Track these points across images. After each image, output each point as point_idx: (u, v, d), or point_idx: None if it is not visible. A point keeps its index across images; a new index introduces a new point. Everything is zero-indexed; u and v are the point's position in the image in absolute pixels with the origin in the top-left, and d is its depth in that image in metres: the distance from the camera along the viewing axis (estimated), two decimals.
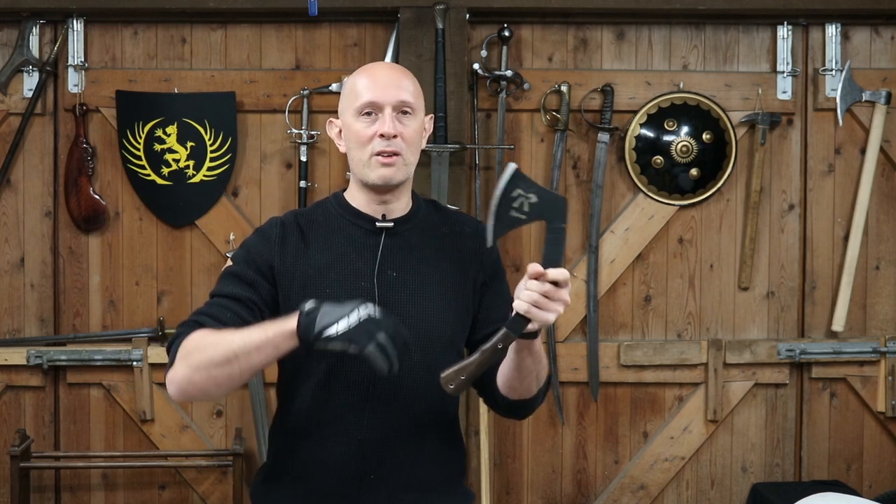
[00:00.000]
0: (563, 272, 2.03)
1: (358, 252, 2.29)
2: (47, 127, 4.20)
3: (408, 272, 2.29)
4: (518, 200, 2.06)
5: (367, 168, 2.26)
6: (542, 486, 4.33)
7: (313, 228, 2.33)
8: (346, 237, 2.30)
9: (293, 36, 4.23)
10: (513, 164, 2.08)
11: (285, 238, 2.30)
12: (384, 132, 2.24)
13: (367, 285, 2.26)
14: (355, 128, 2.28)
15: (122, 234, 4.23)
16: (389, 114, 2.25)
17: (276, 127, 4.20)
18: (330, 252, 2.29)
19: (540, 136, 4.26)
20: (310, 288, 2.25)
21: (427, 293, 2.28)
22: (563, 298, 2.03)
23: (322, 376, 2.23)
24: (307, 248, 2.30)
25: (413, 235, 2.32)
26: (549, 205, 2.08)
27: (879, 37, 4.31)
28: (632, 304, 4.31)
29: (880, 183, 4.31)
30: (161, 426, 4.22)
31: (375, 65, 2.43)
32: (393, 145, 2.25)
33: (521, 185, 2.06)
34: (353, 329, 2.00)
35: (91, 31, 4.19)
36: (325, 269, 2.27)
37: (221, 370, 2.11)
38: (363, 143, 2.26)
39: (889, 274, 4.35)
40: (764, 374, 4.30)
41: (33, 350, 4.14)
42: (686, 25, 4.28)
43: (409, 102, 2.28)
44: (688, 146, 4.22)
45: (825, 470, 4.34)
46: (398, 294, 2.27)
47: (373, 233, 2.30)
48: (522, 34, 4.24)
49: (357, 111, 2.27)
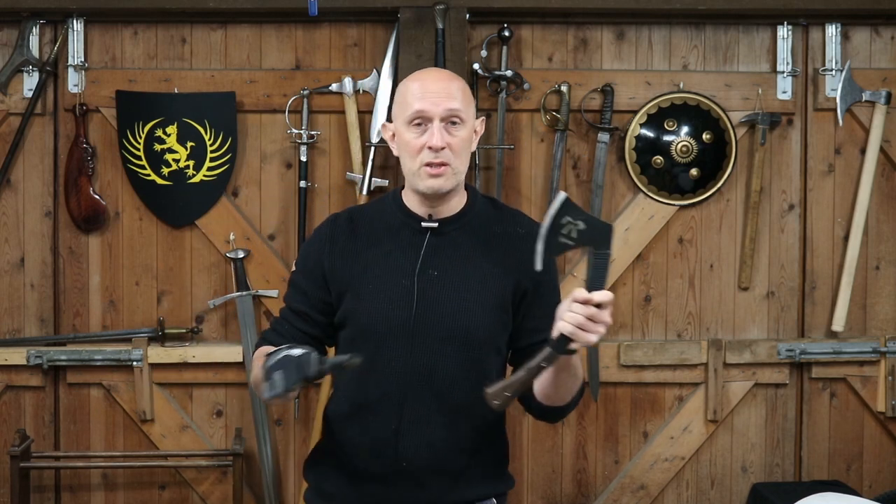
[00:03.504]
0: (607, 294, 2.13)
1: (403, 250, 2.40)
2: (47, 127, 4.20)
3: (449, 271, 2.38)
4: (567, 227, 2.15)
5: (417, 177, 2.36)
6: (542, 486, 4.33)
7: (365, 226, 2.45)
8: (393, 235, 2.42)
9: (293, 36, 4.23)
10: (563, 193, 2.17)
11: (335, 236, 2.45)
12: (432, 145, 2.32)
13: (407, 283, 2.37)
14: (406, 137, 2.36)
15: (122, 234, 4.23)
16: (438, 125, 2.33)
17: (276, 127, 4.20)
18: (377, 249, 2.42)
19: (540, 136, 4.26)
20: (354, 284, 2.40)
21: (467, 291, 2.37)
22: (605, 321, 2.13)
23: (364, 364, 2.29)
24: (356, 245, 2.43)
25: (460, 235, 2.41)
26: (595, 232, 2.17)
27: (879, 37, 4.31)
28: (632, 304, 4.31)
29: (880, 183, 4.31)
30: (161, 426, 4.22)
31: (426, 72, 2.48)
32: (441, 157, 2.33)
33: (571, 213, 2.15)
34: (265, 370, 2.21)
35: (91, 31, 4.19)
36: (371, 266, 2.40)
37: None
38: (413, 154, 2.35)
39: (889, 274, 4.35)
40: (764, 374, 4.30)
41: (33, 350, 4.14)
42: (686, 25, 4.28)
43: (457, 111, 2.34)
44: (688, 146, 4.22)
45: (825, 470, 4.34)
46: (437, 292, 2.36)
47: (419, 232, 2.41)
48: (522, 34, 4.24)
49: (407, 120, 2.36)
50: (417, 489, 2.40)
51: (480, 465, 2.45)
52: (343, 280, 2.41)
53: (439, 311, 2.35)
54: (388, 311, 2.38)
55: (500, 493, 2.51)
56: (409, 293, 2.36)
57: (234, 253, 4.15)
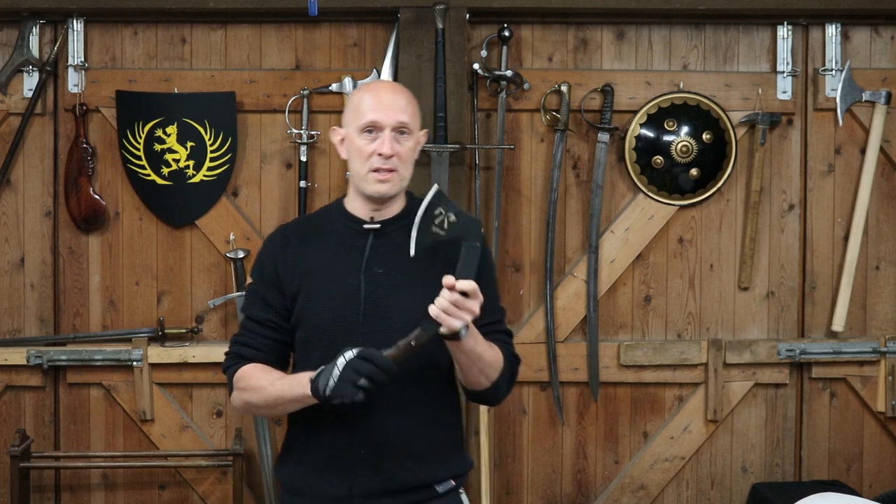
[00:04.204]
0: (470, 284, 2.32)
1: (348, 251, 2.57)
2: (47, 127, 4.20)
3: (393, 268, 2.53)
4: (439, 218, 2.37)
5: (365, 181, 2.55)
6: (542, 486, 4.33)
7: (312, 232, 2.63)
8: (339, 238, 2.59)
9: (293, 36, 4.23)
10: (436, 186, 2.40)
11: (285, 244, 2.62)
12: (383, 152, 2.51)
13: (354, 281, 2.53)
14: (357, 143, 2.54)
15: (122, 234, 4.23)
16: (389, 134, 2.52)
17: (276, 127, 4.20)
18: (324, 252, 2.58)
19: (540, 136, 4.26)
20: (305, 286, 2.56)
21: (411, 286, 2.51)
22: (469, 308, 2.33)
23: (318, 361, 2.46)
24: (305, 250, 2.60)
25: (400, 234, 2.53)
26: (466, 225, 2.38)
27: (879, 37, 4.32)
28: (632, 304, 4.31)
29: (880, 183, 4.31)
30: (161, 426, 4.22)
31: (380, 85, 2.73)
32: (389, 163, 2.52)
33: (443, 204, 2.37)
34: (337, 387, 2.34)
35: (91, 31, 4.19)
36: (320, 268, 2.56)
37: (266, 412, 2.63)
38: (364, 158, 2.53)
39: (889, 274, 4.35)
40: (764, 374, 4.30)
41: (33, 350, 4.14)
42: (686, 25, 4.28)
43: (406, 124, 2.55)
44: (688, 146, 4.22)
45: (825, 470, 4.34)
46: (383, 288, 2.52)
47: (362, 234, 2.58)
48: (522, 34, 4.24)
49: (360, 128, 2.54)
50: (378, 475, 2.52)
51: (437, 448, 2.58)
52: (295, 283, 2.57)
53: (386, 305, 2.51)
54: (338, 308, 2.53)
55: (458, 475, 2.63)
56: (356, 290, 2.52)
57: (234, 253, 4.15)
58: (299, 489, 2.60)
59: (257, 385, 2.54)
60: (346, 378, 2.33)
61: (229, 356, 2.65)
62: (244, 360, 2.60)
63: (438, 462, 2.58)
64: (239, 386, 2.60)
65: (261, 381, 2.54)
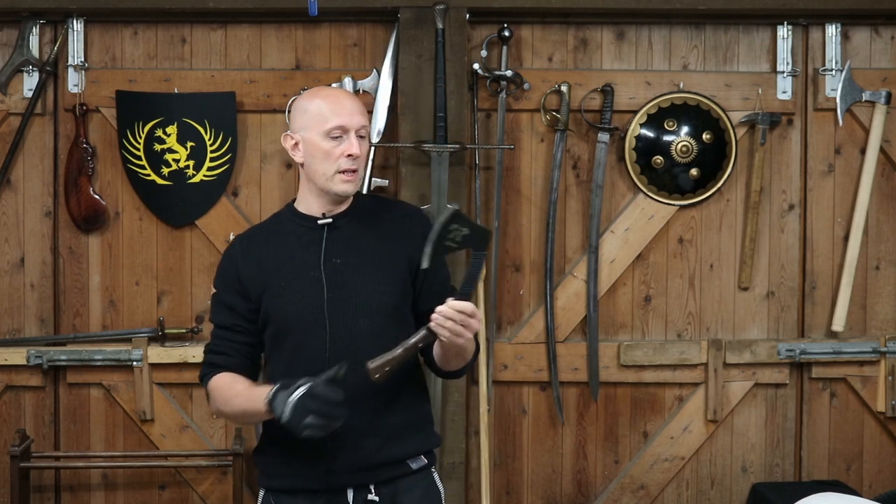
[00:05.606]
0: (470, 306, 2.50)
1: (306, 247, 2.71)
2: (47, 127, 4.20)
3: (350, 257, 2.69)
4: (453, 233, 2.49)
5: (331, 182, 2.68)
6: (542, 486, 4.33)
7: (270, 236, 2.77)
8: (296, 238, 2.73)
9: (293, 36, 4.23)
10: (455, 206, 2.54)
11: (244, 252, 2.75)
12: (353, 153, 2.66)
13: (316, 273, 2.67)
14: (324, 146, 2.67)
15: (122, 234, 4.23)
16: (355, 137, 2.67)
17: (276, 127, 4.20)
18: (284, 252, 2.72)
19: (540, 136, 4.26)
20: (270, 285, 2.70)
21: (369, 271, 2.68)
22: (473, 327, 2.52)
23: (288, 352, 2.67)
24: (264, 253, 2.73)
25: (352, 226, 2.72)
26: (477, 236, 2.52)
27: (879, 37, 4.32)
28: (632, 304, 4.31)
29: (880, 183, 4.31)
30: (161, 426, 4.22)
31: (335, 91, 2.83)
32: (355, 164, 2.68)
33: (459, 222, 2.49)
34: (290, 421, 2.47)
35: (91, 31, 4.20)
36: (281, 268, 2.70)
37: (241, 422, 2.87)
38: (332, 160, 2.67)
39: (889, 274, 4.35)
40: (764, 374, 4.30)
41: (33, 350, 4.14)
42: (686, 25, 4.28)
43: (365, 126, 2.71)
44: (688, 146, 4.22)
45: (825, 470, 4.34)
46: (343, 276, 2.67)
47: (317, 229, 2.72)
48: (522, 34, 4.24)
49: (326, 132, 2.67)
50: (351, 452, 2.65)
51: (407, 425, 2.72)
52: (260, 284, 2.70)
53: (348, 292, 2.66)
54: (303, 301, 2.67)
55: (427, 451, 2.77)
56: (318, 282, 2.67)
57: None
58: (276, 471, 2.72)
59: (224, 398, 2.70)
60: (296, 415, 2.46)
61: (203, 366, 2.78)
62: (218, 368, 2.73)
63: (409, 439, 2.72)
64: (213, 396, 2.75)
65: (227, 394, 2.69)
